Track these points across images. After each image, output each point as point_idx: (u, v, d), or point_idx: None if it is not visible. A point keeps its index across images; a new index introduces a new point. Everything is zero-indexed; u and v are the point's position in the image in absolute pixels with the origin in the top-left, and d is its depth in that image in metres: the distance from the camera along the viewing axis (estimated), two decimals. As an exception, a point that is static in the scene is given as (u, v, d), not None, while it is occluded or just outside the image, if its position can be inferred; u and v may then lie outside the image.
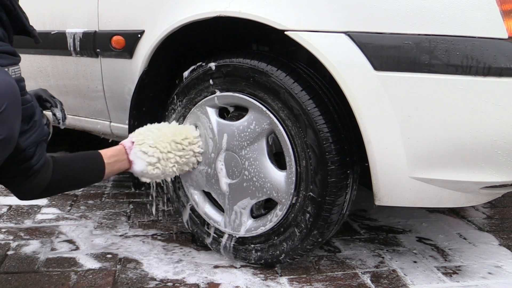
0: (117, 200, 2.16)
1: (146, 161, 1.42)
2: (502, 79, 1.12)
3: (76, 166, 1.32)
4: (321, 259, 1.60)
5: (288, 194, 1.41)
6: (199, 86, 1.51)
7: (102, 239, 1.74)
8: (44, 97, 1.51)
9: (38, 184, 1.21)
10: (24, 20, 1.23)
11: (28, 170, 1.17)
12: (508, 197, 2.20)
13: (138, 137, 1.45)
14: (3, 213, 1.97)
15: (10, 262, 1.56)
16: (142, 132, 1.47)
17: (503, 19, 1.10)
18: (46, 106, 1.51)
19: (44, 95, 1.51)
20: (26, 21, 1.24)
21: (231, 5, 1.36)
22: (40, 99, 1.50)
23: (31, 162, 1.16)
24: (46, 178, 1.22)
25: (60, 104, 1.53)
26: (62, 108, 1.52)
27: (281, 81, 1.34)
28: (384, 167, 1.26)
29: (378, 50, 1.18)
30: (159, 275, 1.49)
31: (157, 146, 1.43)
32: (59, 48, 1.89)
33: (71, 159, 1.34)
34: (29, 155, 1.16)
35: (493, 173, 1.22)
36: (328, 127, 1.32)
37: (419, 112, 1.19)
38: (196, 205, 1.62)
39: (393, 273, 1.51)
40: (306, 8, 1.26)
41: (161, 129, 1.48)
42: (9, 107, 1.02)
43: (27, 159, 1.16)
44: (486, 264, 1.58)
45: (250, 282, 1.45)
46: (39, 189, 1.22)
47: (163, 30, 1.51)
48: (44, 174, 1.21)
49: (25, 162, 1.16)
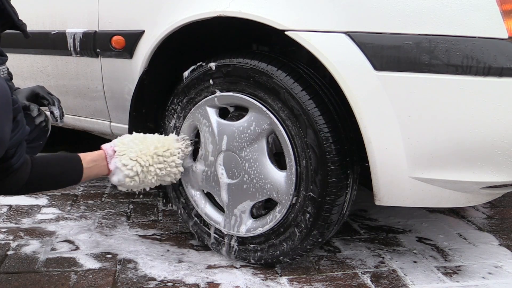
0: (117, 200, 2.16)
1: (124, 173, 1.42)
2: (502, 79, 1.12)
3: (54, 168, 1.32)
4: (321, 259, 1.60)
5: (288, 194, 1.41)
6: (199, 86, 1.51)
7: (102, 239, 1.74)
8: (41, 94, 1.49)
9: (16, 182, 1.21)
10: (13, 15, 1.23)
11: (8, 169, 1.17)
12: (508, 197, 2.20)
13: (121, 147, 1.43)
14: (3, 213, 1.97)
15: (10, 262, 1.56)
16: (125, 143, 1.45)
17: (503, 19, 1.10)
18: (44, 104, 1.50)
19: (41, 92, 1.50)
20: (15, 16, 1.24)
21: (231, 5, 1.36)
22: (37, 96, 1.49)
23: (11, 161, 1.16)
24: (23, 177, 1.22)
25: (58, 101, 1.52)
26: (59, 106, 1.51)
27: (281, 81, 1.34)
28: (384, 167, 1.26)
29: (378, 50, 1.18)
30: (159, 275, 1.49)
31: (138, 160, 1.42)
32: (59, 48, 1.89)
33: (50, 161, 1.33)
34: (9, 154, 1.15)
35: (493, 173, 1.22)
36: (328, 127, 1.32)
37: (419, 112, 1.19)
38: (196, 206, 1.62)
39: (393, 273, 1.51)
40: (306, 8, 1.26)
41: (144, 141, 1.47)
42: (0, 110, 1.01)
43: (8, 158, 1.16)
44: (486, 264, 1.58)
45: (250, 282, 1.45)
46: (16, 187, 1.23)
47: (163, 30, 1.52)
48: (22, 173, 1.21)
49: (5, 162, 1.16)
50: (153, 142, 1.48)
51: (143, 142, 1.46)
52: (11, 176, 1.19)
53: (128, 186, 1.45)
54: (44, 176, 1.29)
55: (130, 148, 1.43)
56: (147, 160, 1.43)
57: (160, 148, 1.47)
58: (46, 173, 1.29)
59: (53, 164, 1.32)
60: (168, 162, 1.48)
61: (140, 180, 1.44)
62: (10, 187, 1.22)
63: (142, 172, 1.43)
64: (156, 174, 1.46)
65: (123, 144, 1.44)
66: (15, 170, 1.18)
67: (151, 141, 1.48)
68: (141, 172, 1.43)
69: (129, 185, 1.44)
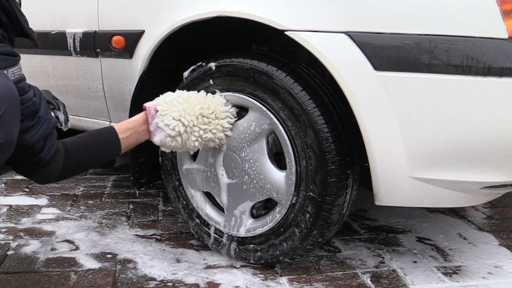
0: (117, 200, 2.16)
1: (166, 132, 1.37)
2: (502, 79, 1.12)
3: (89, 149, 1.30)
4: (321, 259, 1.60)
5: (288, 194, 1.41)
6: (199, 86, 1.51)
7: (102, 239, 1.74)
8: (47, 98, 1.50)
9: (52, 171, 1.22)
10: (23, 23, 1.23)
11: (39, 162, 1.19)
12: (508, 197, 2.20)
13: (163, 106, 1.37)
14: (3, 213, 1.97)
15: (10, 262, 1.56)
16: (168, 102, 1.39)
17: (503, 19, 1.10)
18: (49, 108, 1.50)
19: (47, 96, 1.50)
20: (25, 24, 1.24)
21: (231, 5, 1.36)
22: None
23: (41, 155, 1.17)
24: (58, 165, 1.23)
25: (63, 106, 1.52)
26: (65, 111, 1.51)
27: (281, 81, 1.34)
28: (384, 167, 1.26)
29: (378, 50, 1.18)
30: (158, 275, 1.49)
31: (181, 119, 1.37)
32: (59, 48, 1.90)
33: (83, 142, 1.31)
34: (38, 149, 1.17)
35: (493, 173, 1.22)
36: (328, 127, 1.32)
37: (419, 112, 1.18)
38: (196, 206, 1.62)
39: (393, 273, 1.51)
40: (306, 8, 1.26)
41: (188, 100, 1.40)
42: (7, 112, 1.02)
43: (37, 152, 1.17)
44: (486, 264, 1.58)
45: (250, 282, 1.45)
46: (54, 176, 1.24)
47: (163, 30, 1.52)
48: (56, 162, 1.22)
49: (36, 156, 1.17)
50: (199, 102, 1.41)
51: (187, 101, 1.40)
52: (45, 167, 1.20)
53: (170, 146, 1.40)
54: (79, 160, 1.28)
55: (174, 107, 1.38)
56: (191, 121, 1.38)
57: (206, 109, 1.40)
58: (81, 157, 1.28)
59: (86, 145, 1.30)
60: (214, 125, 1.42)
61: (183, 141, 1.39)
62: (48, 176, 1.23)
63: (186, 133, 1.38)
64: (200, 136, 1.40)
65: (166, 103, 1.38)
66: (47, 162, 1.19)
67: (196, 100, 1.41)
68: (184, 132, 1.38)
69: (170, 145, 1.39)
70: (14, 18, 1.19)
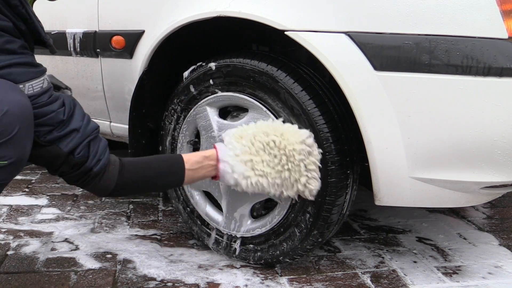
0: (117, 200, 2.16)
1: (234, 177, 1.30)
2: (502, 79, 1.12)
3: (151, 169, 1.26)
4: (321, 259, 1.60)
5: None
6: (199, 86, 1.51)
7: (102, 239, 1.74)
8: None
9: (105, 183, 1.18)
10: (40, 30, 1.18)
11: (87, 172, 1.15)
12: (508, 197, 2.20)
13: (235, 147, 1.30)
14: (3, 213, 1.97)
15: (10, 262, 1.56)
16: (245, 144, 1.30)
17: (503, 19, 1.10)
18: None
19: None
20: (42, 31, 1.19)
21: (231, 5, 1.36)
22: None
23: (86, 165, 1.14)
24: (112, 178, 1.18)
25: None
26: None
27: (281, 81, 1.34)
28: (384, 167, 1.26)
29: (378, 50, 1.18)
30: (158, 275, 1.49)
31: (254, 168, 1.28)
32: (59, 48, 1.89)
33: (147, 162, 1.27)
34: (81, 159, 1.13)
35: (493, 173, 1.22)
36: (328, 127, 1.32)
37: (419, 112, 1.19)
38: (196, 206, 1.62)
39: (393, 273, 1.51)
40: (306, 8, 1.26)
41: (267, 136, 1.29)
42: (21, 130, 1.00)
43: (82, 163, 1.13)
44: (486, 264, 1.58)
45: (250, 282, 1.45)
46: (107, 188, 1.19)
47: (163, 30, 1.51)
48: (109, 174, 1.18)
49: (81, 166, 1.14)
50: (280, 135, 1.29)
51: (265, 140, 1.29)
52: (97, 179, 1.16)
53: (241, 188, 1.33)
54: (137, 177, 1.24)
55: (246, 149, 1.30)
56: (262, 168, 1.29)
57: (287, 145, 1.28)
58: (140, 175, 1.24)
59: (150, 165, 1.26)
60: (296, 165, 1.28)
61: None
62: (101, 189, 1.19)
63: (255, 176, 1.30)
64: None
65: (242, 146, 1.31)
66: (97, 173, 1.15)
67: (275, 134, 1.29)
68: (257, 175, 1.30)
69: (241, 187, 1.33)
70: (31, 24, 1.14)
